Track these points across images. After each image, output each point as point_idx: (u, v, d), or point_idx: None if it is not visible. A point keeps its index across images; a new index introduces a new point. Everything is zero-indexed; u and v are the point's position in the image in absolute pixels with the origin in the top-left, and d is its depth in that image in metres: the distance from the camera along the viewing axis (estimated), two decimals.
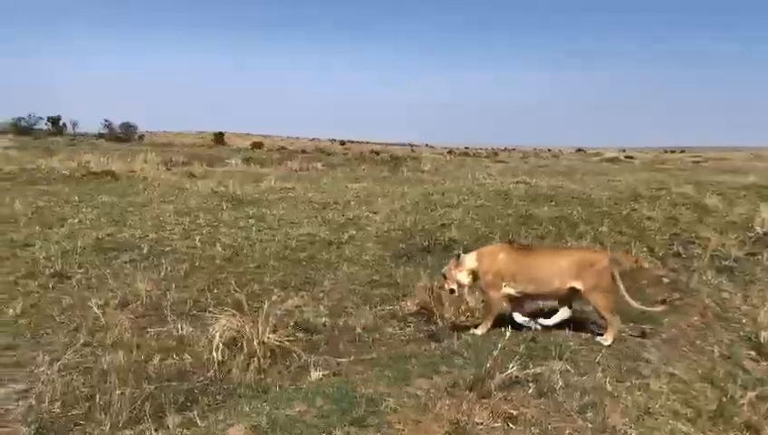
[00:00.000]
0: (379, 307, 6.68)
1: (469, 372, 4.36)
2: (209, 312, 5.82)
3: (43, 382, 4.36)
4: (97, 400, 4.14)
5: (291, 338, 5.43)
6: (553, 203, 11.98)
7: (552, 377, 4.34)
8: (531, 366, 4.42)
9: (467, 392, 4.06)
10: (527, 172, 22.87)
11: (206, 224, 10.42)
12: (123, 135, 51.49)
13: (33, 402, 4.07)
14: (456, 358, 4.88)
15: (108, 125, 53.80)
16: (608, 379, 4.44)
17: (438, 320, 6.09)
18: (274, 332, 5.29)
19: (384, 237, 9.82)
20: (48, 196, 12.57)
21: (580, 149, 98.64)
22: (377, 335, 5.87)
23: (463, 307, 6.31)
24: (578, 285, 5.21)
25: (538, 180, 16.25)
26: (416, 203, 12.82)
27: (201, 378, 4.62)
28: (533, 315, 5.69)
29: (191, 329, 5.57)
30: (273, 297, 6.58)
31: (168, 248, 8.65)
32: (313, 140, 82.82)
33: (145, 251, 8.34)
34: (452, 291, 5.72)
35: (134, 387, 4.34)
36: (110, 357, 4.86)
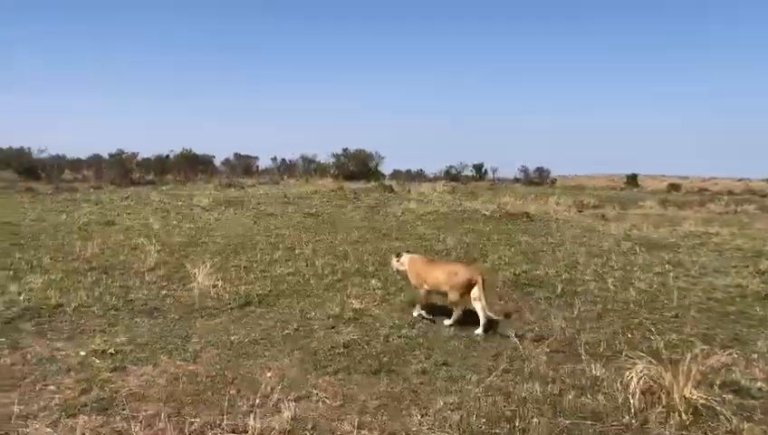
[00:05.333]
0: None
1: None
2: (624, 355, 5.66)
3: (471, 399, 4.91)
4: (516, 423, 4.43)
5: (717, 398, 4.82)
6: None
7: None
8: None
9: None
10: None
11: (618, 267, 10.20)
12: (537, 179, 54.76)
13: (464, 415, 4.60)
14: None
15: (523, 170, 58.09)
16: None
17: None
18: (697, 388, 4.79)
19: None
20: (473, 233, 14.24)
21: None
22: None
23: None
24: (445, 288, 7.01)
25: None
26: None
27: (615, 422, 4.49)
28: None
29: (604, 371, 5.49)
30: (695, 350, 5.98)
31: (580, 288, 8.77)
32: (742, 180, 72.09)
33: (558, 290, 8.63)
34: (395, 271, 7.93)
35: (550, 418, 4.50)
36: (527, 386, 5.16)
